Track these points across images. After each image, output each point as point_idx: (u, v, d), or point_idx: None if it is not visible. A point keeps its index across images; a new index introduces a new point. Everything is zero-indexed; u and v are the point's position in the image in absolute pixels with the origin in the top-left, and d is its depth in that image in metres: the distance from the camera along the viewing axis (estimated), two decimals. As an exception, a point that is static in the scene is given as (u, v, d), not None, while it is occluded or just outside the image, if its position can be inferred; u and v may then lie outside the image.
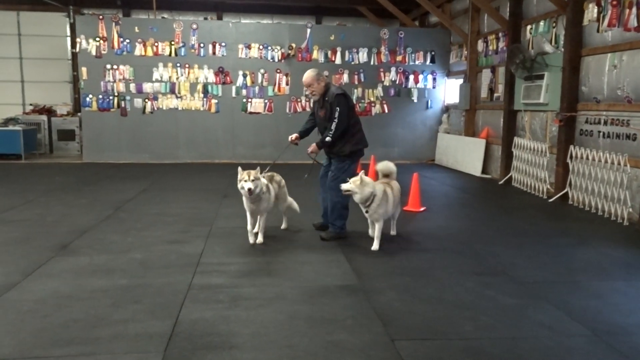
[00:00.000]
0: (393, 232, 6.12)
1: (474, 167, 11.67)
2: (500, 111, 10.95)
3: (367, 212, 5.53)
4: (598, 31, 7.79)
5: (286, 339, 3.40)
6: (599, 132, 7.76)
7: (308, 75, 5.74)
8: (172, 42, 12.96)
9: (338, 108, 5.52)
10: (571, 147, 8.13)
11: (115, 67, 12.85)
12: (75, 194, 8.48)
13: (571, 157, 8.12)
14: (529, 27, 9.87)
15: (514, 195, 9.16)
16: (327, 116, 5.67)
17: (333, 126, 5.56)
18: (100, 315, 3.72)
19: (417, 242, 5.94)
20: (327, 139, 5.60)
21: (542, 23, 9.41)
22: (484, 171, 11.51)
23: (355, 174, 5.47)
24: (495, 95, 11.42)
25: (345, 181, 5.46)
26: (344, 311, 3.86)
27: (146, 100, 13.04)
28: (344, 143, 5.68)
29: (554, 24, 9.03)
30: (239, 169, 5.38)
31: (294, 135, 6.07)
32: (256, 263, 4.97)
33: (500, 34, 11.03)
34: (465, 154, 12.19)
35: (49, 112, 14.59)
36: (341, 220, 5.87)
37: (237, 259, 5.11)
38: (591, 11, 7.87)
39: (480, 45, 12.06)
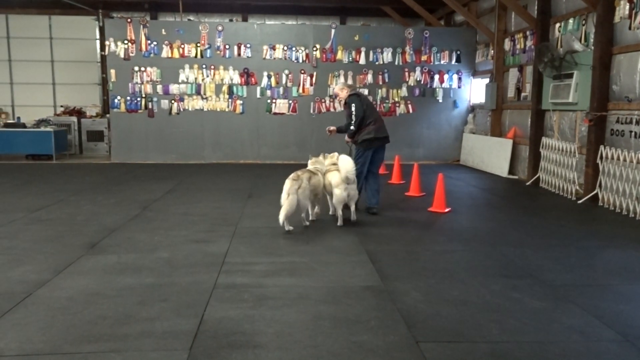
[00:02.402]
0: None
1: (501, 167, 11.50)
2: (527, 111, 10.76)
3: None
4: (630, 28, 7.59)
5: (310, 339, 3.41)
6: (631, 132, 7.56)
7: (336, 87, 7.55)
8: (198, 44, 13.12)
9: (353, 104, 6.99)
10: (601, 147, 7.94)
11: (142, 69, 13.08)
12: (104, 194, 8.65)
13: (601, 157, 7.93)
14: (557, 25, 9.68)
15: (542, 197, 8.99)
16: (347, 113, 7.15)
17: (353, 117, 6.99)
18: (128, 312, 3.79)
19: (442, 243, 5.89)
20: (351, 127, 7.03)
21: (571, 21, 9.22)
22: (510, 172, 11.34)
23: (369, 159, 7.00)
24: (523, 94, 11.23)
25: (362, 165, 6.98)
26: (368, 312, 3.85)
27: (173, 101, 13.23)
28: (359, 134, 7.07)
29: (584, 22, 8.84)
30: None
31: (332, 127, 7.49)
32: (280, 263, 4.99)
33: (528, 33, 10.85)
34: (492, 155, 12.02)
35: (79, 113, 14.94)
36: (374, 196, 7.26)
37: (261, 258, 5.14)
38: (623, 8, 7.68)
39: (507, 44, 11.88)
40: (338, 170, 6.43)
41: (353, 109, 6.95)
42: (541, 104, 10.08)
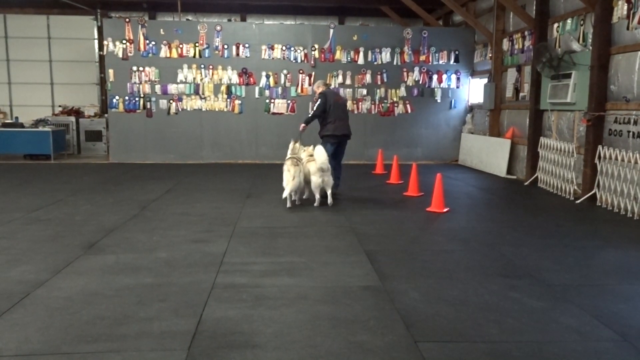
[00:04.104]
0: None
1: (499, 167, 11.51)
2: (526, 111, 10.78)
3: None
4: (628, 28, 7.61)
5: (309, 339, 3.41)
6: (629, 132, 7.57)
7: (314, 84, 8.95)
8: (197, 44, 13.11)
9: (319, 100, 8.15)
10: (599, 147, 7.95)
11: (141, 68, 13.06)
12: (103, 194, 8.64)
13: (599, 157, 7.94)
14: (556, 25, 9.69)
15: (540, 197, 9.00)
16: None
17: (312, 111, 8.29)
18: (126, 312, 3.78)
19: (440, 243, 5.89)
20: (308, 116, 8.41)
21: (569, 21, 9.23)
22: (509, 172, 11.35)
23: (330, 152, 7.92)
24: (521, 94, 11.24)
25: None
26: (367, 312, 3.85)
27: (171, 101, 13.22)
28: (320, 130, 8.26)
29: (582, 22, 8.85)
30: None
31: (302, 125, 8.37)
32: (279, 263, 4.99)
33: (526, 33, 10.86)
34: (490, 155, 12.03)
35: (77, 113, 14.92)
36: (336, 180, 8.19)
37: (260, 258, 5.14)
38: (621, 8, 7.70)
39: (506, 44, 11.89)
40: (314, 161, 7.44)
41: (318, 102, 8.20)
42: (539, 104, 10.09)
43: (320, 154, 7.39)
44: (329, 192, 7.61)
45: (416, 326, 3.62)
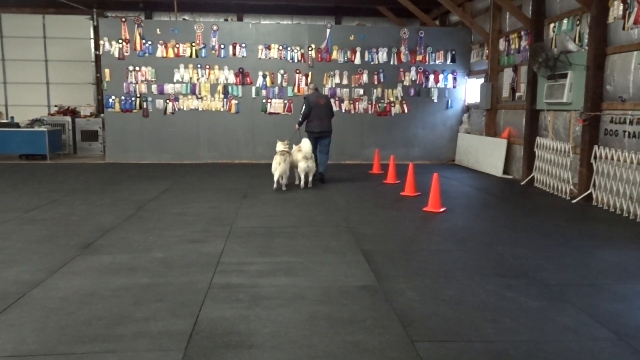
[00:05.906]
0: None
1: (495, 167, 11.54)
2: (522, 111, 10.80)
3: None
4: (624, 29, 7.63)
5: (305, 339, 3.41)
6: (625, 131, 7.60)
7: (307, 88, 10.75)
8: (193, 44, 13.09)
9: (304, 105, 9.71)
10: (595, 147, 7.98)
11: (137, 68, 13.03)
12: (99, 194, 8.62)
13: (595, 157, 7.97)
14: (552, 25, 9.72)
15: (537, 196, 9.02)
16: (301, 109, 9.87)
17: (301, 113, 9.78)
18: (122, 313, 3.78)
19: (437, 242, 5.90)
20: (299, 119, 9.87)
21: (565, 21, 9.25)
22: (505, 171, 11.37)
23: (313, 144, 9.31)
24: (517, 94, 11.27)
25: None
26: (364, 312, 3.85)
27: (167, 101, 13.19)
28: (305, 126, 9.72)
29: (578, 22, 8.88)
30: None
31: (297, 126, 10.02)
32: (275, 263, 4.99)
33: (522, 33, 10.88)
34: (487, 154, 12.05)
35: (73, 113, 14.87)
36: (321, 167, 9.86)
37: (256, 258, 5.14)
38: (616, 8, 7.72)
39: (502, 44, 11.91)
40: (301, 151, 9.05)
41: (303, 106, 9.67)
42: (535, 104, 10.11)
43: (305, 145, 8.92)
44: (310, 177, 9.30)
45: (413, 326, 3.62)
